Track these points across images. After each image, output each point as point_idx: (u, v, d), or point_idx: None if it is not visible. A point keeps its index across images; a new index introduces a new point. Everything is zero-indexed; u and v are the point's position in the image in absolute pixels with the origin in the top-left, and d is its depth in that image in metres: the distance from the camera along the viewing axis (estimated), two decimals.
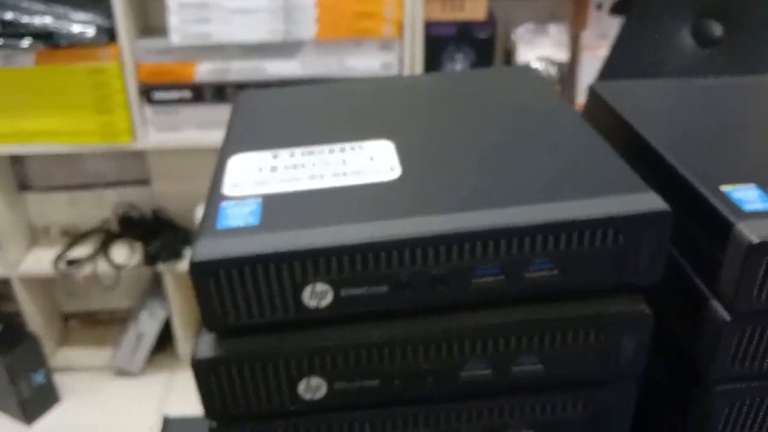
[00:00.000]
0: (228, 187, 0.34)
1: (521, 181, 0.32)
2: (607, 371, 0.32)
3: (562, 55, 1.60)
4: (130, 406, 1.65)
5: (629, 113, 0.43)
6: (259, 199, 0.32)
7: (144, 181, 1.77)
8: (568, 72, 1.61)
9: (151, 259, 1.64)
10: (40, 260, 1.61)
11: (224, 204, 0.32)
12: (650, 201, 0.30)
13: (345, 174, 0.34)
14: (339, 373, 0.31)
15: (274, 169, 0.35)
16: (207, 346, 0.31)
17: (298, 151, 0.36)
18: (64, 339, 1.82)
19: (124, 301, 1.83)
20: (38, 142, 1.47)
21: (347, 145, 0.37)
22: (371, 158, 0.35)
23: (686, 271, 0.36)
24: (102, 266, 1.62)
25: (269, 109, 0.43)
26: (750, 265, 0.31)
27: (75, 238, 1.70)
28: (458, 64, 1.57)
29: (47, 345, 1.65)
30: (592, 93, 0.47)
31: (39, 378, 1.55)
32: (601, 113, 0.45)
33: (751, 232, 0.30)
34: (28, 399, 1.53)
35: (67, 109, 1.46)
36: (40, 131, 1.47)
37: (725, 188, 0.34)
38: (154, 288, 1.77)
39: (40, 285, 1.67)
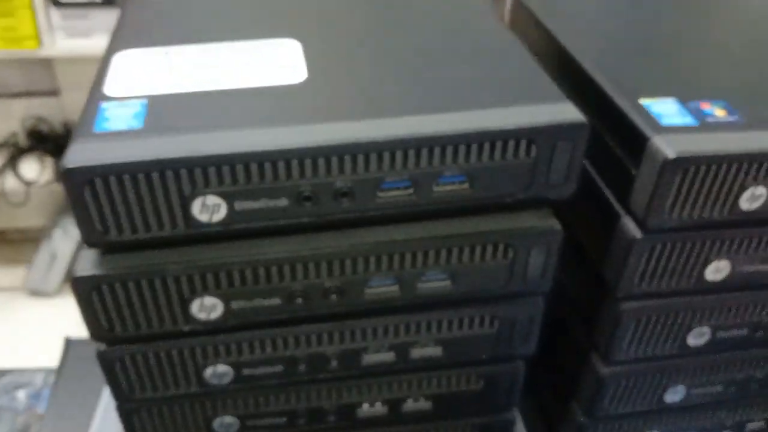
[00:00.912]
0: (110, 87, 0.30)
1: (433, 88, 0.30)
2: (515, 286, 0.32)
3: None
4: (45, 327, 1.60)
5: (552, 21, 0.41)
6: (145, 100, 0.29)
7: (53, 92, 1.65)
8: None
9: None
10: None
11: (104, 105, 0.29)
12: (566, 112, 0.28)
13: (244, 75, 0.31)
14: (235, 292, 0.29)
15: (164, 67, 0.31)
16: (88, 262, 0.28)
17: (193, 48, 0.33)
18: None
19: (37, 220, 1.74)
20: None
21: (249, 44, 0.33)
22: (274, 58, 0.32)
23: (599, 186, 0.35)
24: (10, 182, 1.52)
25: (165, 2, 0.38)
26: (664, 180, 0.30)
27: None
28: None
29: None
30: (517, 1, 0.44)
31: None
32: (525, 21, 0.43)
33: (666, 147, 0.29)
34: None
35: None
36: None
37: (644, 101, 0.32)
38: (68, 205, 1.68)
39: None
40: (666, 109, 0.32)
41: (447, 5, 0.38)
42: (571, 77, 0.37)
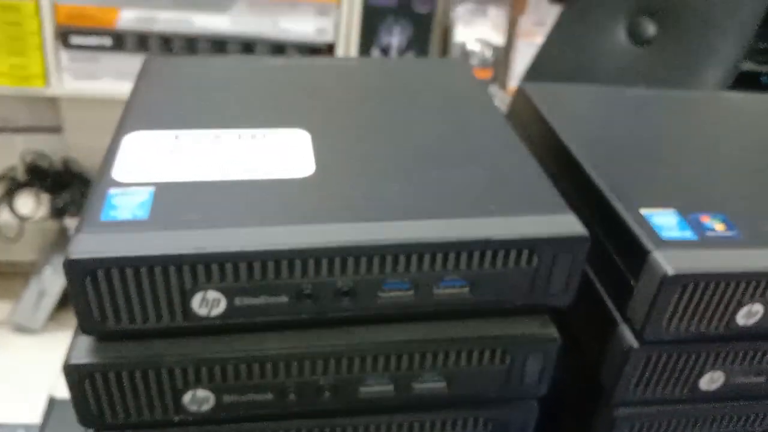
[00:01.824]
0: (119, 171, 0.30)
1: (438, 192, 0.30)
2: (511, 391, 0.31)
3: (499, 39, 1.59)
4: (30, 364, 1.57)
5: (556, 120, 0.41)
6: (152, 188, 0.29)
7: (56, 129, 1.67)
8: (503, 56, 1.61)
9: (58, 212, 1.56)
10: None
11: (112, 191, 0.29)
12: (569, 224, 0.29)
13: (252, 165, 0.31)
14: (228, 386, 0.29)
15: (173, 152, 0.32)
16: (82, 350, 0.28)
17: (203, 133, 0.33)
18: None
19: (27, 255, 1.73)
20: None
21: (259, 132, 0.34)
22: (283, 150, 0.32)
23: (600, 293, 0.35)
24: (5, 216, 1.52)
25: (178, 82, 0.39)
26: (662, 295, 0.30)
27: None
28: (395, 37, 1.54)
29: None
30: (521, 93, 0.45)
31: None
32: (527, 115, 0.44)
33: (666, 263, 0.30)
34: None
35: None
36: None
37: (645, 212, 0.33)
38: (60, 243, 1.67)
39: None
40: (666, 222, 0.32)
41: (457, 102, 0.39)
42: (573, 177, 0.37)
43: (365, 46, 1.46)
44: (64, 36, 1.36)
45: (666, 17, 1.03)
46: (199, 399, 0.29)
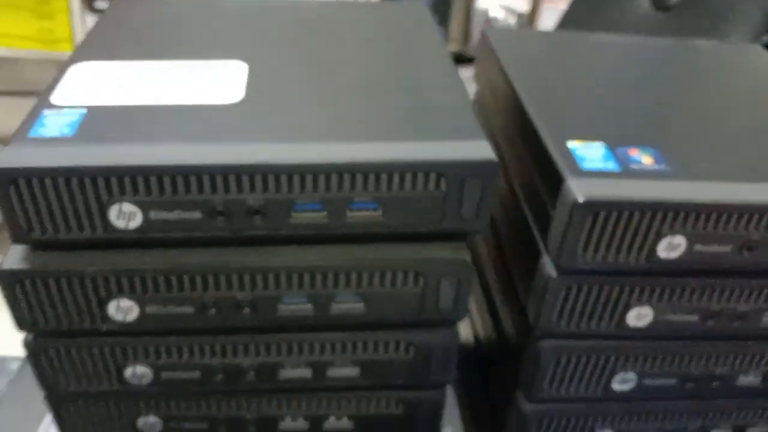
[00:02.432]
0: (57, 96, 0.32)
1: (357, 118, 0.31)
2: (428, 315, 0.32)
3: (523, 5, 1.57)
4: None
5: (509, 61, 0.41)
6: (84, 110, 0.31)
7: None
8: (527, 23, 1.58)
9: None
10: None
11: (46, 112, 0.30)
12: (478, 149, 0.29)
13: (184, 92, 0.32)
14: (150, 297, 0.30)
15: (113, 81, 0.33)
16: (15, 257, 0.30)
17: (145, 64, 0.35)
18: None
19: None
20: None
21: (201, 63, 0.35)
22: (218, 79, 0.34)
23: (530, 225, 0.36)
24: None
25: (133, 19, 0.40)
26: (574, 222, 0.30)
27: None
28: None
29: None
30: (483, 37, 0.46)
31: None
32: (486, 57, 0.44)
33: (578, 190, 0.30)
34: None
35: (5, 10, 1.39)
36: None
37: (571, 144, 0.33)
38: None
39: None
40: (591, 154, 0.33)
41: (401, 39, 0.39)
42: (516, 116, 0.38)
43: None
44: (89, 0, 1.39)
45: None
46: (123, 308, 0.31)
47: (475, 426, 0.50)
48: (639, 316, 0.34)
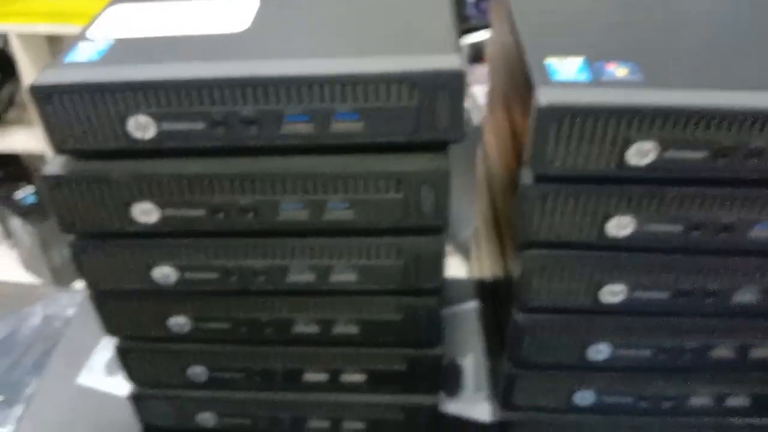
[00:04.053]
0: (92, 31, 0.37)
1: (344, 37, 0.35)
2: (412, 221, 0.35)
3: None
4: None
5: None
6: (112, 41, 0.36)
7: None
8: None
9: None
10: (35, 143, 1.69)
11: (80, 44, 0.36)
12: (447, 62, 0.32)
13: (199, 25, 0.37)
14: (166, 200, 0.35)
15: (141, 18, 0.38)
16: (54, 164, 0.35)
17: (172, 3, 0.39)
18: None
19: None
20: (74, 22, 1.53)
21: (220, 1, 0.39)
22: (229, 13, 0.38)
23: (517, 142, 0.38)
24: None
25: None
26: (540, 128, 0.32)
27: None
28: None
29: None
30: None
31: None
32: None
33: (543, 97, 0.32)
34: (59, 267, 1.66)
35: None
36: (76, 12, 1.53)
37: (549, 60, 0.35)
38: None
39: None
40: (566, 68, 0.34)
41: None
42: (513, 40, 0.40)
43: None
44: None
45: None
46: (145, 211, 0.36)
47: (491, 351, 0.52)
48: (620, 225, 0.36)
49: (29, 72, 1.58)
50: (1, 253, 1.76)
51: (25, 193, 1.66)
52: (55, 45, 1.71)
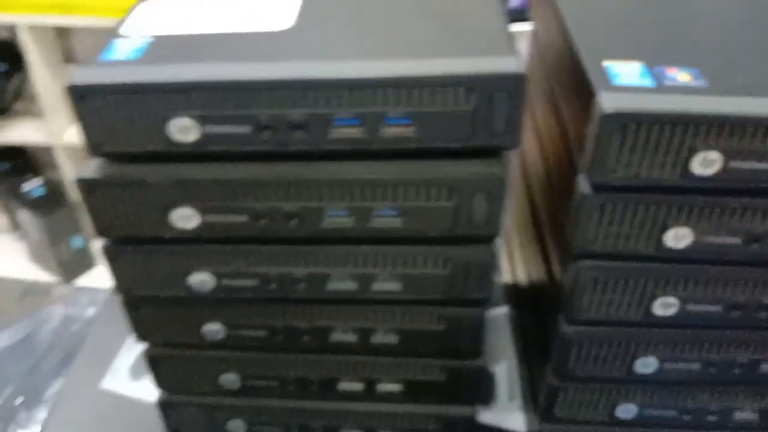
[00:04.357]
0: (126, 28, 0.35)
1: (396, 39, 0.33)
2: (462, 230, 0.34)
3: None
4: None
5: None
6: (150, 39, 0.34)
7: None
8: None
9: None
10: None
11: (116, 41, 0.34)
12: (505, 64, 0.30)
13: (240, 22, 0.35)
14: (207, 206, 0.34)
15: (177, 14, 0.36)
16: (90, 168, 0.34)
17: None
18: None
19: None
20: (83, 14, 1.51)
21: None
22: (273, 8, 0.36)
23: (570, 148, 0.36)
24: None
25: None
26: (604, 135, 0.31)
27: None
28: None
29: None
30: None
31: (77, 242, 1.66)
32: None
33: (607, 102, 0.31)
34: (67, 260, 1.65)
35: None
36: (84, 4, 1.51)
37: (607, 63, 0.33)
38: None
39: (82, 155, 1.76)
40: (626, 71, 0.33)
41: None
42: (563, 42, 0.38)
43: None
44: None
45: None
46: (184, 216, 0.34)
47: (528, 359, 0.51)
48: (677, 237, 0.34)
49: (38, 64, 1.56)
50: (8, 245, 1.75)
51: (33, 186, 1.65)
52: (64, 37, 1.69)
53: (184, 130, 0.32)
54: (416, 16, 0.35)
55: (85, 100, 0.31)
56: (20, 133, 1.67)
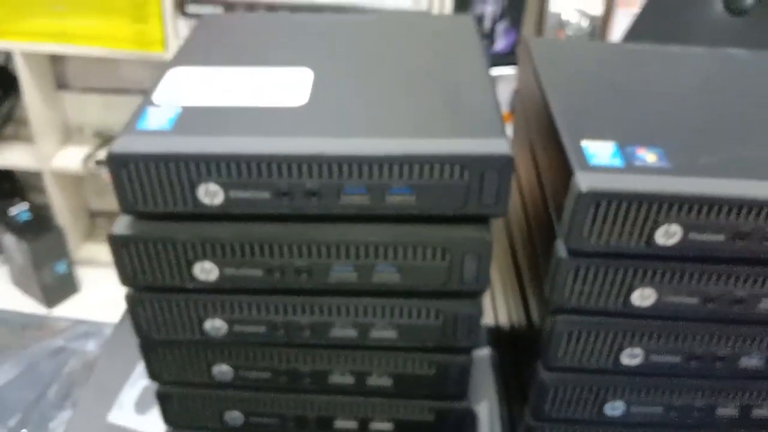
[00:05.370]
0: (158, 95, 0.40)
1: (398, 117, 0.38)
2: (453, 286, 0.38)
3: (596, 9, 1.58)
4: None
5: (544, 67, 0.47)
6: (180, 109, 0.38)
7: None
8: (601, 26, 1.60)
9: None
10: (72, 157, 1.70)
11: (149, 109, 0.38)
12: (496, 146, 0.35)
13: (259, 95, 0.39)
14: (227, 261, 0.38)
15: (202, 84, 0.41)
16: (122, 225, 0.38)
17: (228, 70, 0.42)
18: (89, 234, 1.93)
19: None
20: (77, 43, 1.55)
21: (275, 69, 0.42)
22: (288, 84, 0.41)
23: (549, 213, 0.41)
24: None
25: (223, 31, 0.48)
26: (579, 210, 0.36)
27: (107, 139, 1.79)
28: (490, 6, 1.57)
29: (72, 238, 1.76)
30: (524, 44, 0.51)
31: (61, 267, 1.68)
32: (525, 62, 0.50)
33: (583, 182, 0.35)
34: (50, 285, 1.66)
35: (105, 14, 1.52)
36: (78, 33, 1.55)
37: (585, 143, 0.38)
38: None
39: (70, 181, 1.78)
40: (601, 151, 0.38)
41: (447, 46, 0.46)
42: (543, 115, 0.43)
43: (459, 13, 1.51)
44: (181, 5, 1.51)
45: None
46: (206, 269, 0.38)
47: (508, 399, 0.55)
48: (643, 297, 0.39)
49: (31, 89, 1.59)
50: None
51: (19, 210, 1.66)
52: (57, 64, 1.72)
53: (211, 194, 0.36)
54: (418, 94, 0.40)
55: (124, 167, 0.35)
56: (9, 156, 1.69)
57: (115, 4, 1.51)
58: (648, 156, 0.37)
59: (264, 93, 0.40)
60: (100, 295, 1.76)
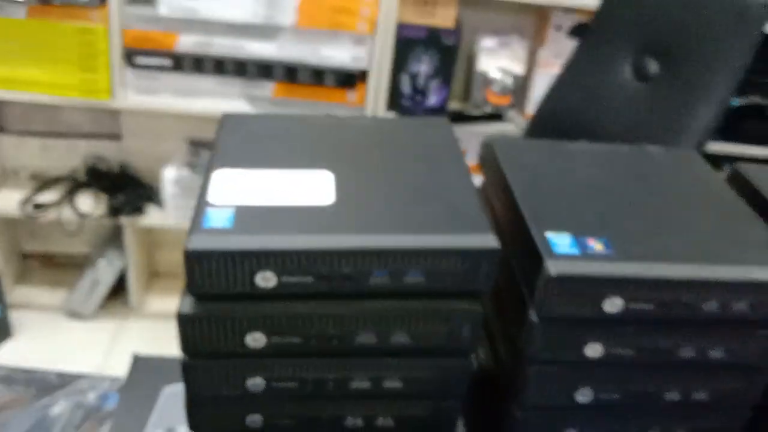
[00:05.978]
0: (212, 196, 0.48)
1: (408, 216, 0.48)
2: (452, 346, 0.49)
3: (519, 68, 1.75)
4: (79, 348, 1.73)
5: (507, 166, 0.58)
6: (234, 209, 0.47)
7: (115, 136, 1.86)
8: (522, 84, 1.77)
9: (114, 211, 1.74)
10: (7, 200, 1.70)
11: (209, 210, 0.47)
12: (486, 241, 0.46)
13: (294, 195, 0.49)
14: (274, 331, 0.47)
15: (245, 185, 0.50)
16: (187, 304, 0.46)
17: (265, 172, 0.52)
18: (22, 277, 1.91)
19: (84, 247, 1.93)
20: (21, 90, 1.57)
21: (302, 171, 0.52)
22: (317, 185, 0.50)
23: (521, 287, 0.52)
24: (66, 213, 1.71)
25: (248, 133, 0.57)
26: (550, 289, 0.47)
27: (43, 182, 1.79)
28: (423, 65, 1.71)
29: (5, 281, 1.74)
30: (487, 145, 0.63)
31: None
32: (490, 161, 0.61)
33: (552, 268, 0.47)
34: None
35: (52, 63, 1.55)
36: (24, 80, 1.57)
37: (549, 234, 0.50)
38: (114, 238, 1.86)
39: (3, 224, 1.76)
40: (562, 242, 0.50)
41: (432, 150, 0.57)
42: (511, 209, 0.55)
43: (396, 73, 1.64)
44: (129, 56, 1.56)
45: (667, 58, 1.19)
46: (256, 339, 0.47)
47: None
48: (594, 350, 0.51)
49: None
50: None
51: None
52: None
53: (266, 279, 0.45)
54: (418, 195, 0.51)
55: (198, 261, 0.44)
56: None
57: (63, 55, 1.54)
58: (596, 245, 0.50)
59: (297, 193, 0.49)
60: (34, 340, 1.74)
